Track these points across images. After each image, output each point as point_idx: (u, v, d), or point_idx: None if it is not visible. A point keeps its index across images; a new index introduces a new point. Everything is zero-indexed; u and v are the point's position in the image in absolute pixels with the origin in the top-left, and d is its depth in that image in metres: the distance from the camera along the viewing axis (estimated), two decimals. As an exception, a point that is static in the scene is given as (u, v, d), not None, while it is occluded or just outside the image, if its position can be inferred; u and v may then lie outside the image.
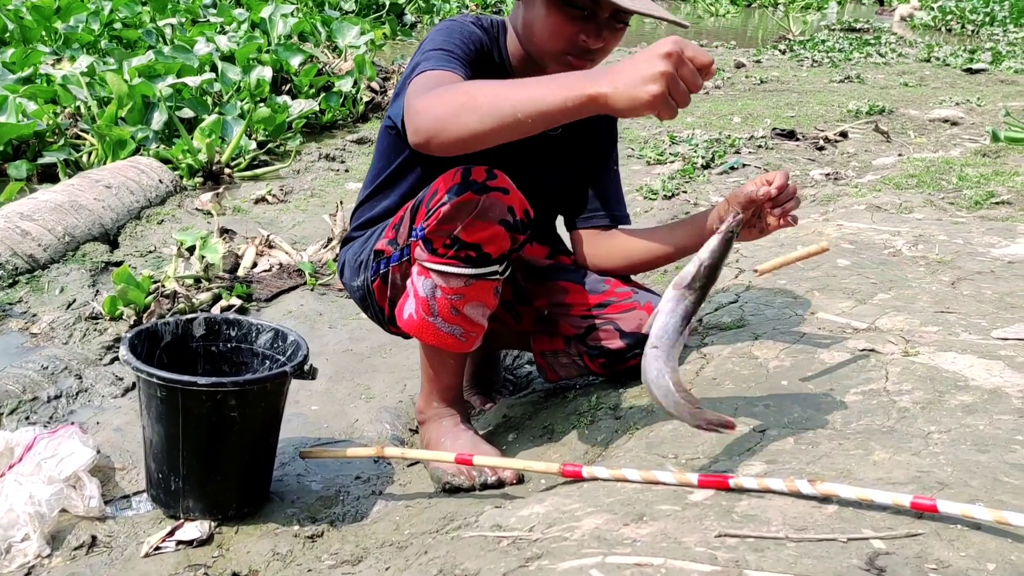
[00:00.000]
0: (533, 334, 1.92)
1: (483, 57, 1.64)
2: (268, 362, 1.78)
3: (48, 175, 3.56)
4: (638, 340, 1.73)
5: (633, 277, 1.86)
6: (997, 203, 2.70)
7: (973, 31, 8.77)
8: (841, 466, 1.27)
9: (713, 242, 1.34)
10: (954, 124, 4.30)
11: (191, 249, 2.73)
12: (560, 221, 1.93)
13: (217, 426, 1.58)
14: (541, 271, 1.86)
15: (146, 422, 1.63)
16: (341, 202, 2.98)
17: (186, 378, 1.53)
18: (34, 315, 2.50)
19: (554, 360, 1.87)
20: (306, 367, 1.65)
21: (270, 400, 1.64)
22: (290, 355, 1.74)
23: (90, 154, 3.76)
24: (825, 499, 1.17)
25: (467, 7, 9.49)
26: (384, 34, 6.19)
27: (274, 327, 1.79)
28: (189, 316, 1.78)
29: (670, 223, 2.00)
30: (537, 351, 1.91)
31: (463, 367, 1.77)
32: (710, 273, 1.34)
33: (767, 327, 1.85)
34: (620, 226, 1.87)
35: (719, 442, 1.43)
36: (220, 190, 3.25)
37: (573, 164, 1.83)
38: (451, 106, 1.32)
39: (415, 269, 1.61)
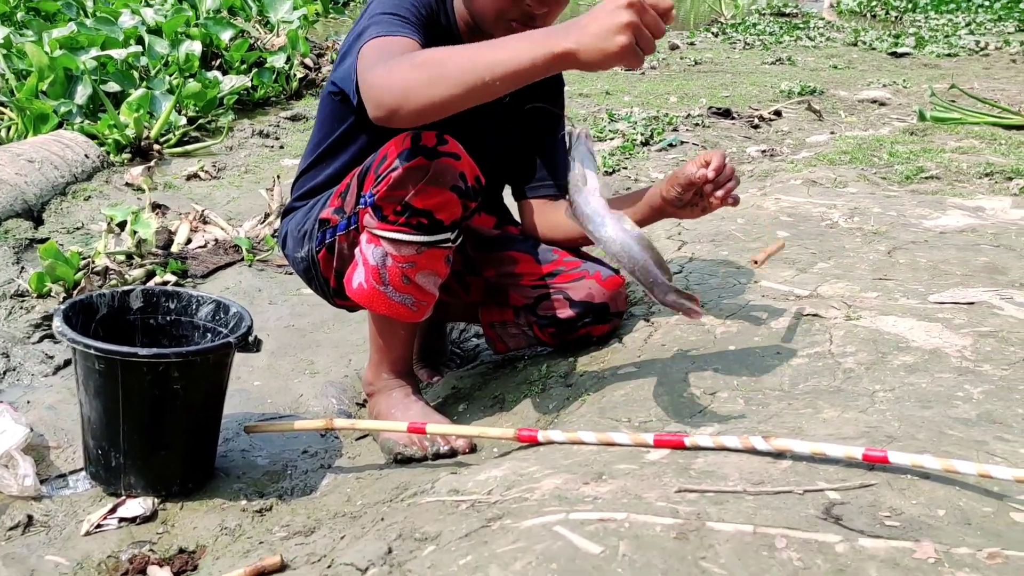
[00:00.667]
0: (481, 305, 1.90)
1: (432, 21, 1.61)
2: (209, 335, 1.74)
3: (-36, 150, 3.40)
4: (587, 309, 1.73)
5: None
6: (926, 178, 2.78)
7: (897, 17, 9.01)
8: (792, 424, 1.30)
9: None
10: (882, 104, 4.42)
11: (122, 225, 2.64)
12: (507, 192, 1.92)
13: (159, 399, 1.53)
14: (489, 241, 1.85)
15: (83, 397, 1.57)
16: (278, 176, 2.91)
17: (126, 349, 1.48)
18: (-45, 293, 2.39)
19: (503, 331, 1.86)
20: (251, 338, 1.61)
21: (214, 372, 1.60)
22: (232, 327, 1.69)
23: (9, 128, 3.61)
24: (779, 455, 1.19)
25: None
26: (316, 11, 6.07)
27: (215, 299, 1.74)
28: (126, 288, 1.72)
29: (614, 197, 2.00)
30: (486, 322, 1.90)
31: (413, 338, 1.75)
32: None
33: (712, 295, 1.87)
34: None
35: (671, 405, 1.44)
36: (151, 164, 3.15)
37: (520, 130, 1.82)
38: (417, 76, 1.29)
39: (364, 237, 1.58)
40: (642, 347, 1.70)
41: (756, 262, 1.65)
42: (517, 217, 1.92)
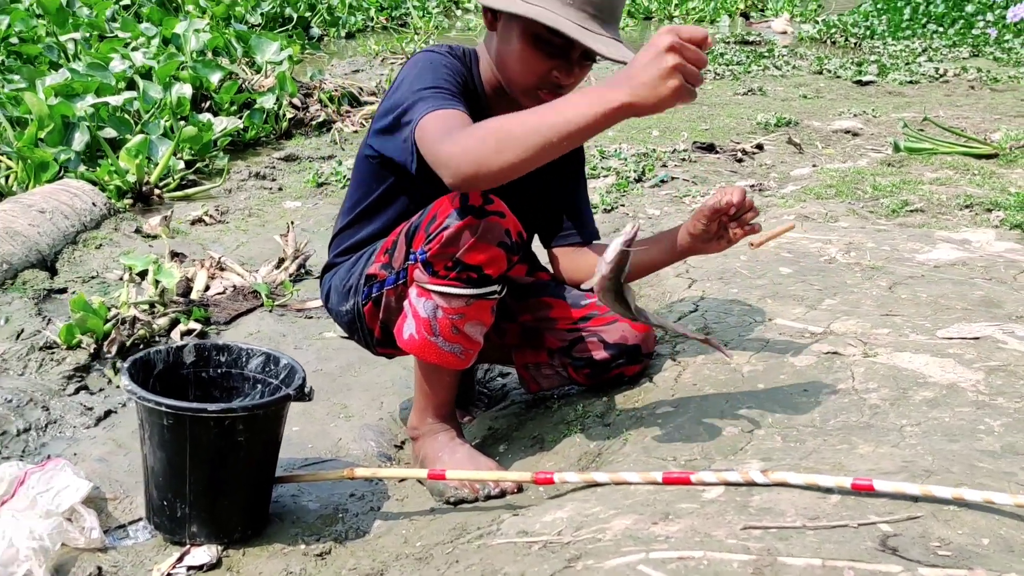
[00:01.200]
0: (515, 348, 2.00)
1: (466, 88, 1.72)
2: (260, 386, 1.81)
3: (-36, 200, 3.43)
4: (621, 351, 1.84)
5: None
6: (912, 211, 2.93)
7: (856, 43, 9.30)
8: (831, 460, 1.41)
9: (610, 254, 1.50)
10: (855, 135, 4.60)
11: (142, 274, 2.69)
12: (536, 240, 2.03)
13: (224, 451, 1.60)
14: (524, 288, 1.95)
15: (148, 450, 1.63)
16: (292, 222, 2.99)
17: (196, 405, 1.55)
18: (-18, 347, 2.43)
19: (537, 372, 1.96)
20: (306, 389, 1.69)
21: (273, 424, 1.68)
22: (283, 378, 1.77)
23: (8, 177, 3.64)
24: (828, 491, 1.29)
25: (372, 20, 9.47)
26: (300, 48, 6.15)
27: (265, 351, 1.82)
28: (179, 344, 1.79)
29: (647, 239, 2.11)
30: (520, 364, 2.00)
31: (457, 383, 1.84)
32: (614, 280, 1.52)
33: (732, 334, 1.98)
34: (595, 241, 1.98)
35: (713, 444, 1.55)
36: (168, 214, 3.20)
37: (551, 183, 1.93)
38: (487, 144, 1.40)
39: (414, 291, 1.67)
40: (673, 386, 1.80)
41: (753, 244, 1.73)
42: (544, 263, 2.03)
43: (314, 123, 4.98)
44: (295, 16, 8.30)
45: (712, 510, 1.28)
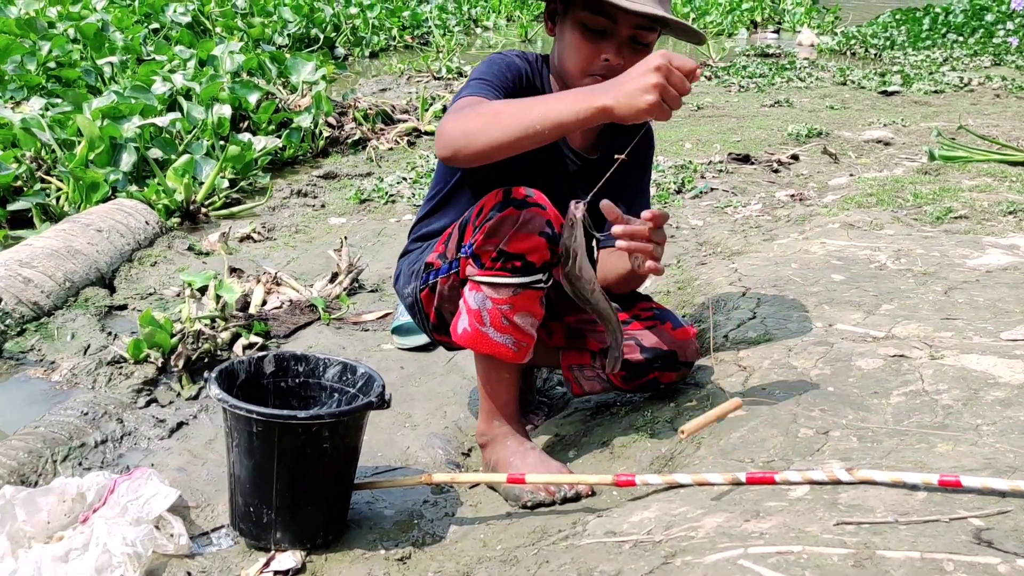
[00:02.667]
0: (563, 349, 2.04)
1: (526, 86, 1.84)
2: (336, 394, 1.86)
3: (17, 222, 3.50)
4: (656, 355, 1.87)
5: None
6: (956, 217, 2.96)
7: (876, 55, 9.34)
8: (912, 459, 1.43)
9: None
10: (887, 144, 4.62)
11: (202, 290, 2.75)
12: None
13: (310, 458, 1.64)
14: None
15: (235, 457, 1.68)
16: (345, 238, 3.04)
17: (286, 412, 1.60)
18: (52, 362, 2.49)
19: (580, 374, 2.00)
20: (386, 397, 1.73)
21: (355, 431, 1.72)
22: (361, 387, 1.82)
23: (58, 199, 3.72)
24: (914, 487, 1.32)
25: (395, 39, 9.59)
26: (333, 71, 6.24)
27: (342, 360, 1.86)
28: (260, 355, 1.84)
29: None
30: (565, 365, 2.04)
31: (518, 380, 1.88)
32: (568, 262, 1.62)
33: (795, 339, 2.01)
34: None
35: (789, 445, 1.58)
36: (226, 230, 3.27)
37: (607, 188, 1.97)
38: (477, 121, 1.54)
39: (467, 287, 1.73)
40: (742, 391, 1.83)
41: (684, 432, 1.56)
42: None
43: (349, 141, 5.06)
44: (321, 36, 8.43)
45: (802, 507, 1.31)
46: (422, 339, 2.54)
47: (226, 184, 4.02)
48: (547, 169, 1.88)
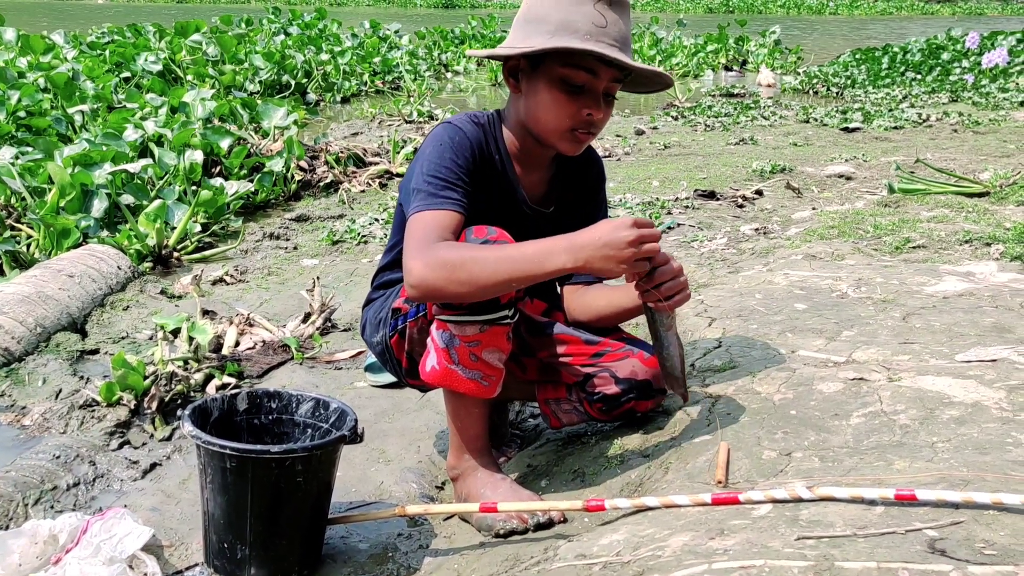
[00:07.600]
0: (537, 383, 2.08)
1: (480, 159, 1.82)
2: (310, 430, 1.88)
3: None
4: (631, 385, 1.91)
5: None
6: (914, 247, 3.04)
7: (838, 93, 9.58)
8: (871, 477, 1.48)
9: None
10: (848, 179, 4.74)
11: (175, 332, 2.76)
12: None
13: (284, 492, 1.66)
14: (541, 326, 2.03)
15: (209, 495, 1.69)
16: (318, 278, 3.07)
17: (260, 447, 1.62)
18: (23, 407, 2.48)
19: (557, 407, 2.03)
20: (358, 431, 1.76)
21: (328, 465, 1.74)
22: (334, 421, 1.84)
23: (28, 245, 3.72)
24: (872, 502, 1.36)
25: (366, 84, 9.70)
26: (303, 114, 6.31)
27: (315, 396, 1.89)
28: (233, 392, 1.86)
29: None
30: (541, 399, 2.07)
31: (487, 415, 1.90)
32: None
33: (758, 366, 2.06)
34: (604, 280, 2.06)
35: (754, 466, 1.62)
36: (198, 273, 3.29)
37: (570, 227, 2.02)
38: (446, 275, 1.60)
39: (434, 326, 1.76)
40: (708, 416, 1.87)
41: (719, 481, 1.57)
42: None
43: (321, 184, 5.11)
44: (292, 83, 8.52)
45: (764, 524, 1.35)
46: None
47: (198, 228, 4.05)
48: (505, 217, 1.88)
